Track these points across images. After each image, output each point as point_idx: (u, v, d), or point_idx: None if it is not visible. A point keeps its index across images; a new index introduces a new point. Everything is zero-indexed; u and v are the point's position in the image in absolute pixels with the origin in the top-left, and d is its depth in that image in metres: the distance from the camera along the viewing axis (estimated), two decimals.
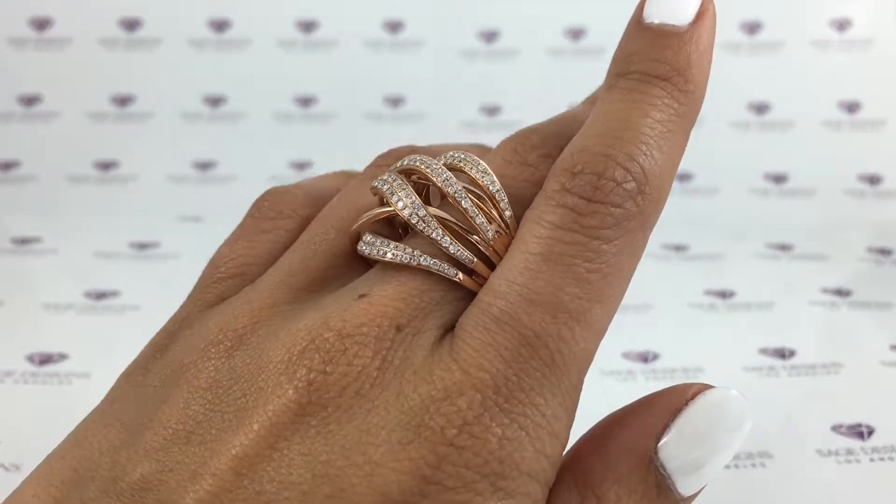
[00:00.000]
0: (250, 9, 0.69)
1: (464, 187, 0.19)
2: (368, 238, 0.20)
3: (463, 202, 0.19)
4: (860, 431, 0.40)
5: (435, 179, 0.19)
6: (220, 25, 0.69)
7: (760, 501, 0.36)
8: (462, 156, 0.20)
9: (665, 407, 0.18)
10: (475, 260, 0.18)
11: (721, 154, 0.67)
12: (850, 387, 0.44)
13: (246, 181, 0.66)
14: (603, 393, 0.42)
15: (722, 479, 0.37)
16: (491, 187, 0.19)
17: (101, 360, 0.43)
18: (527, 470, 0.16)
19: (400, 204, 0.19)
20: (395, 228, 0.21)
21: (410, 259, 0.18)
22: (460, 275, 0.18)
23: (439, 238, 0.18)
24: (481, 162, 0.20)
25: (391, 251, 0.19)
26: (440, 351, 0.17)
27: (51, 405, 0.40)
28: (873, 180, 0.66)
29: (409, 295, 0.18)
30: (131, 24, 0.68)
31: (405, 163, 0.20)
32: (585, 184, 0.18)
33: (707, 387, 0.19)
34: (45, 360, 0.43)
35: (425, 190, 0.21)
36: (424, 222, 0.19)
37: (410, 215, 0.19)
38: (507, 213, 0.19)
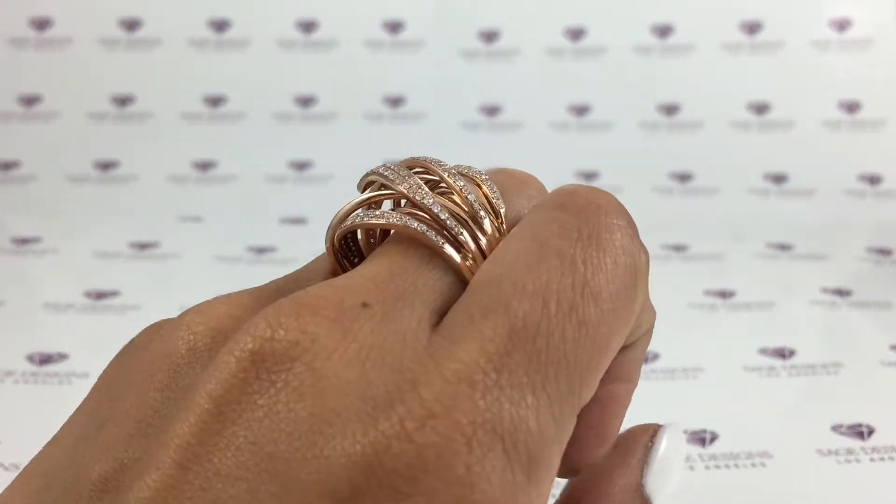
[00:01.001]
0: (250, 9, 0.69)
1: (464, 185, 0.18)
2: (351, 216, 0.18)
3: (468, 195, 0.18)
4: (860, 431, 0.40)
5: (438, 170, 0.18)
6: (220, 25, 0.69)
7: (760, 501, 0.36)
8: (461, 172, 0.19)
9: (637, 445, 0.20)
10: (472, 244, 0.17)
11: (721, 154, 0.67)
12: (850, 387, 0.44)
13: (246, 181, 0.66)
14: None
15: (722, 479, 0.37)
16: (493, 199, 0.18)
17: (101, 360, 0.42)
18: (498, 480, 0.13)
19: (404, 185, 0.18)
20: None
21: (399, 221, 0.17)
22: (447, 246, 0.16)
23: (438, 211, 0.17)
24: (482, 172, 0.19)
25: (377, 217, 0.17)
26: (414, 340, 0.15)
27: (51, 405, 0.40)
28: (873, 180, 0.66)
29: (382, 275, 0.16)
30: (131, 25, 0.68)
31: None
32: (580, 200, 0.17)
33: (660, 425, 0.21)
34: (46, 359, 0.43)
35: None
36: (429, 197, 0.17)
37: (413, 191, 0.17)
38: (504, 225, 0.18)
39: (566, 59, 0.69)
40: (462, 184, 0.18)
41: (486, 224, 0.17)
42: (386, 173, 0.19)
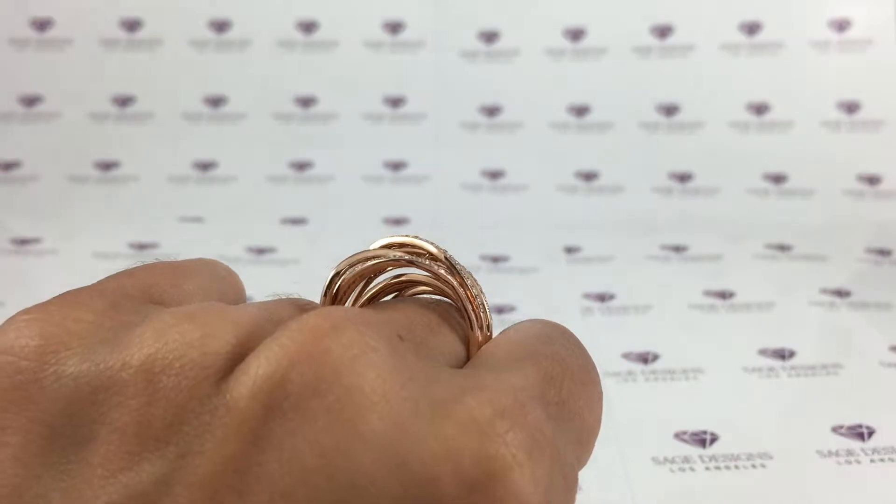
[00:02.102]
0: (250, 9, 0.69)
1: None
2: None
3: (467, 279, 0.18)
4: (860, 432, 0.40)
5: (438, 253, 0.18)
6: (220, 26, 0.69)
7: (760, 502, 0.37)
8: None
9: None
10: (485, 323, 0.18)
11: (720, 154, 0.68)
12: (850, 387, 0.44)
13: (246, 181, 0.66)
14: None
15: (722, 480, 0.37)
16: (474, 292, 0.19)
17: None
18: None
19: (432, 247, 0.18)
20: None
21: (440, 282, 0.18)
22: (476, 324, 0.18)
23: (471, 285, 0.18)
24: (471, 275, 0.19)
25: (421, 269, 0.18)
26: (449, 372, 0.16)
27: None
28: (872, 180, 0.66)
29: (413, 319, 0.17)
30: (132, 25, 0.68)
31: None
32: None
33: None
34: None
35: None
36: (454, 263, 0.18)
37: (446, 255, 0.18)
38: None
39: (566, 59, 0.69)
40: (470, 279, 0.19)
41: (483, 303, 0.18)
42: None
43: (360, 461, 0.13)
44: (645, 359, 0.46)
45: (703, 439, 0.39)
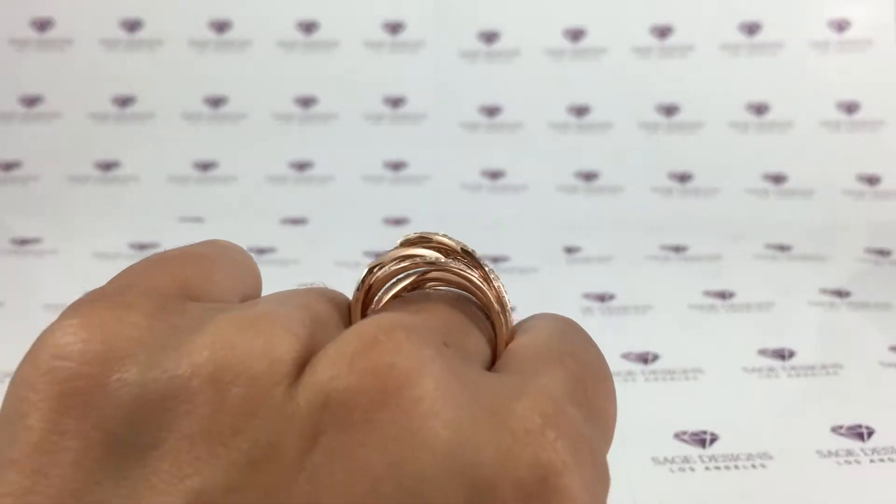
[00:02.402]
0: (251, 9, 0.69)
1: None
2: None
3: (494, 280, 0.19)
4: (860, 432, 0.40)
5: (456, 247, 0.19)
6: (220, 26, 0.69)
7: (760, 502, 0.37)
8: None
9: None
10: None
11: (720, 154, 0.68)
12: (850, 388, 0.44)
13: (246, 181, 0.66)
14: None
15: (722, 480, 0.37)
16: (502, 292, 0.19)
17: None
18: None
19: (457, 245, 0.19)
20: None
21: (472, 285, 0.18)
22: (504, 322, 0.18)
23: (499, 286, 0.19)
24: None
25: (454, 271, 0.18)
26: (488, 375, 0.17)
27: None
28: (872, 181, 0.66)
29: (449, 323, 0.18)
30: (132, 25, 0.68)
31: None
32: None
33: None
34: None
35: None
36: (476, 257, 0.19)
37: (472, 253, 0.19)
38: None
39: (566, 59, 0.69)
40: (495, 278, 0.19)
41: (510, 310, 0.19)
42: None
43: (427, 468, 0.14)
44: (645, 359, 0.46)
45: (702, 439, 0.40)
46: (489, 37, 0.70)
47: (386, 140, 0.68)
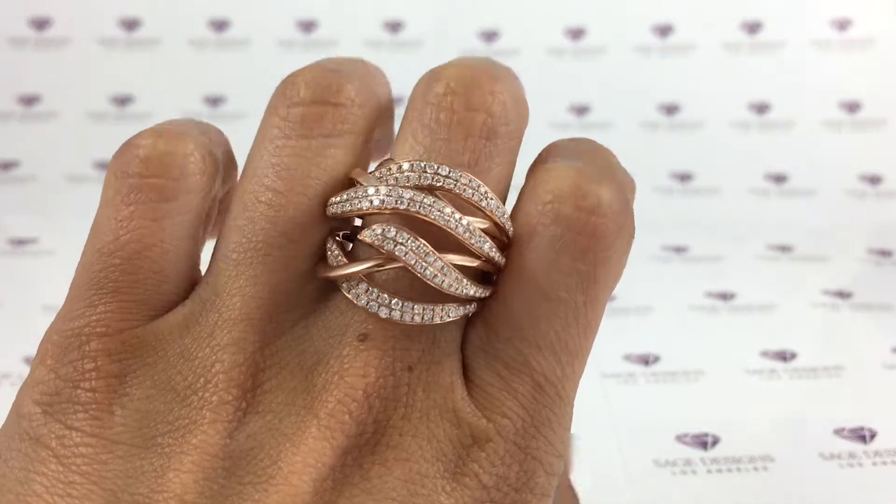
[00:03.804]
0: (250, 9, 0.69)
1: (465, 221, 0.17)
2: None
3: (474, 242, 0.17)
4: (862, 435, 0.39)
5: (439, 222, 0.17)
6: (219, 25, 0.68)
7: None
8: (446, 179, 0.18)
9: None
10: (487, 293, 0.17)
11: (721, 154, 0.67)
12: (852, 389, 0.44)
13: None
14: (603, 396, 0.42)
15: (724, 482, 0.37)
16: (489, 207, 0.18)
17: None
18: (540, 492, 0.16)
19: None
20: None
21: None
22: (474, 304, 0.17)
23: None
24: (469, 176, 0.18)
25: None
26: (459, 394, 0.17)
27: None
28: (874, 180, 0.66)
29: (412, 327, 0.17)
30: (131, 24, 0.68)
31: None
32: (579, 222, 0.18)
33: None
34: None
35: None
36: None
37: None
38: (508, 227, 0.18)
39: (566, 59, 0.69)
40: (472, 239, 0.17)
41: (497, 257, 0.18)
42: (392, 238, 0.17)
43: None
44: (646, 360, 0.46)
45: (704, 441, 0.39)
46: (489, 36, 0.69)
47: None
